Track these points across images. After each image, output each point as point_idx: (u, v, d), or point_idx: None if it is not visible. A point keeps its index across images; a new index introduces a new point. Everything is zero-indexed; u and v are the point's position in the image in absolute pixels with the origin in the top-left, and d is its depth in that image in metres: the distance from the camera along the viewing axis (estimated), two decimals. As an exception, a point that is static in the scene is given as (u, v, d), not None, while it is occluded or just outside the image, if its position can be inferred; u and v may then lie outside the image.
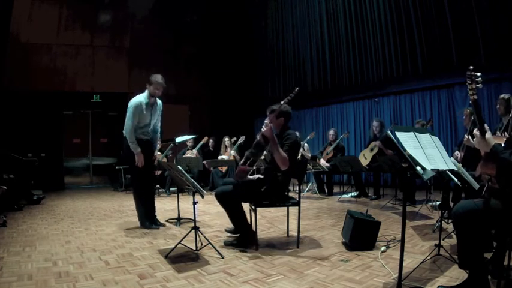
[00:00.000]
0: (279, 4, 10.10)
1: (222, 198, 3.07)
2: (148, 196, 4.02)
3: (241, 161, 3.17)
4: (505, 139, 2.01)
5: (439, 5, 6.15)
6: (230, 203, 3.07)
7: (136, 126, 3.84)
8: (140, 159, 3.81)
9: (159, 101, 4.07)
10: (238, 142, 7.82)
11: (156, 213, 4.13)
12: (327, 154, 6.61)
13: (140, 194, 3.98)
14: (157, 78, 3.87)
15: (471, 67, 1.82)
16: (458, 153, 4.17)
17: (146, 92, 3.91)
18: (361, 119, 7.96)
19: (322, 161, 6.57)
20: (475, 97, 1.81)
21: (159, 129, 4.19)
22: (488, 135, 1.81)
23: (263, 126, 2.98)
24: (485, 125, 1.83)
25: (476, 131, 1.86)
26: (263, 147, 3.10)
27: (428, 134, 2.16)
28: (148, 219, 3.99)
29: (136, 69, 9.51)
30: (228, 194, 3.02)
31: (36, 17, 8.55)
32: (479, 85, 1.81)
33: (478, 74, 1.81)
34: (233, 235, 3.39)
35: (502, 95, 3.66)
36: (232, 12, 10.55)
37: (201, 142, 7.36)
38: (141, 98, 3.88)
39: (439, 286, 2.03)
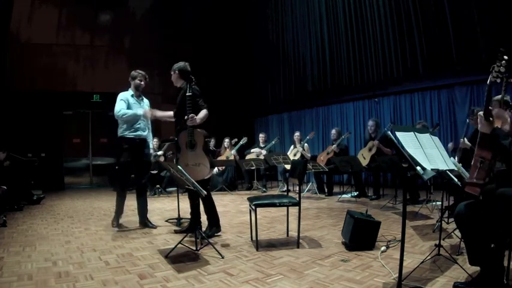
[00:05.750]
0: (279, 4, 10.10)
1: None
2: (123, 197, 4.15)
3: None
4: (508, 117, 2.04)
5: (439, 4, 6.14)
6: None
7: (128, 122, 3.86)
8: (147, 113, 3.84)
9: (145, 99, 4.11)
10: (240, 143, 7.83)
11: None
12: (328, 154, 6.61)
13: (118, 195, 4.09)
14: (138, 71, 4.04)
15: (502, 49, 1.86)
16: (453, 144, 4.34)
17: (129, 89, 4.01)
18: (361, 119, 7.96)
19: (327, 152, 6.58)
20: (498, 80, 1.88)
21: (150, 128, 4.17)
22: (491, 118, 1.86)
23: (188, 122, 3.25)
24: (490, 107, 1.88)
25: (480, 112, 1.90)
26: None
27: (428, 134, 2.16)
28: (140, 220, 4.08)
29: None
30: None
31: (36, 17, 8.55)
32: (502, 68, 1.84)
33: (505, 57, 1.85)
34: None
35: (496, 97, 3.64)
36: (232, 12, 10.56)
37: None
38: (126, 92, 3.98)
39: (455, 282, 2.03)
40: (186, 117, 3.26)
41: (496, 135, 1.81)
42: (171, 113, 3.72)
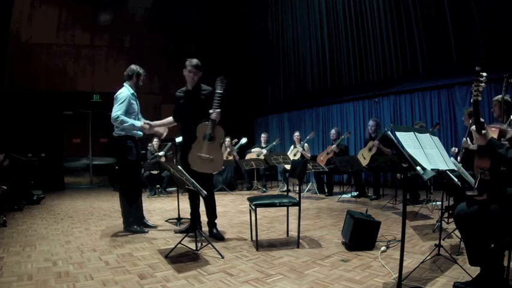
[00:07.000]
0: (279, 4, 10.10)
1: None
2: (138, 197, 3.92)
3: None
4: (497, 130, 2.05)
5: (439, 5, 6.15)
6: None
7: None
8: (145, 127, 3.71)
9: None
10: (240, 143, 7.83)
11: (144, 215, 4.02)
12: (327, 154, 6.61)
13: (133, 195, 3.78)
14: (140, 68, 3.92)
15: (478, 68, 1.87)
16: (456, 149, 4.37)
17: (126, 86, 3.83)
18: (361, 119, 7.96)
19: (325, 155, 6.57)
20: (479, 98, 1.89)
21: None
22: (484, 130, 1.87)
23: (214, 115, 3.25)
24: (481, 119, 1.89)
25: (473, 127, 1.91)
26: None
27: (428, 134, 2.16)
28: (138, 221, 3.85)
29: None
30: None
31: (36, 17, 8.56)
32: (483, 84, 1.87)
33: (484, 74, 1.86)
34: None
35: (497, 97, 3.65)
36: (232, 12, 10.56)
37: None
38: (126, 90, 3.79)
39: (455, 282, 2.03)
40: (211, 110, 3.25)
41: (491, 145, 1.83)
42: (170, 118, 3.71)
